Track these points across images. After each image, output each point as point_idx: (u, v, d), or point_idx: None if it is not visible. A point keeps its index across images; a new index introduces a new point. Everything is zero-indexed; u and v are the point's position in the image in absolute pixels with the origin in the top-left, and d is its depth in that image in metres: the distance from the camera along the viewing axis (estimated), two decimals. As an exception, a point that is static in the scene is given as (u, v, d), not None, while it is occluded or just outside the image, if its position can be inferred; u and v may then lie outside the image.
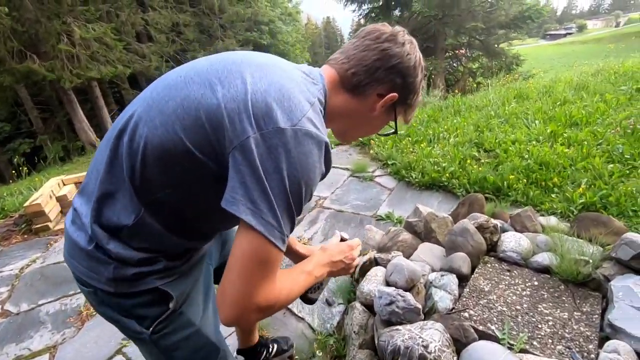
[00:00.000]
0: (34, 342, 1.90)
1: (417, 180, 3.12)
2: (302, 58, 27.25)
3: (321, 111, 0.69)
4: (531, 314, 1.56)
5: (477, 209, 2.33)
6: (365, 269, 1.89)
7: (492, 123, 4.01)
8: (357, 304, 1.67)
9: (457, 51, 13.32)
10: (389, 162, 3.50)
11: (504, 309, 1.59)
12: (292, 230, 0.63)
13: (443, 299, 1.62)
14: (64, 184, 3.36)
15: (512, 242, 1.94)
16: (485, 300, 1.65)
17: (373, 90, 0.74)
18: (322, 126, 0.65)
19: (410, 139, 3.95)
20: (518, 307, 1.60)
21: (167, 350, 0.78)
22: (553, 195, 2.61)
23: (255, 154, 0.56)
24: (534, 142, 3.41)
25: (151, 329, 0.75)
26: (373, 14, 13.01)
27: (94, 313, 2.01)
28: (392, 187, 3.19)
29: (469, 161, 3.11)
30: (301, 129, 0.59)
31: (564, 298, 1.63)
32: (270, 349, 1.56)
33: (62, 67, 11.45)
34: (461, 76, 12.64)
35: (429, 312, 1.60)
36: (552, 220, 2.14)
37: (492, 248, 2.00)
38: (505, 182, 2.80)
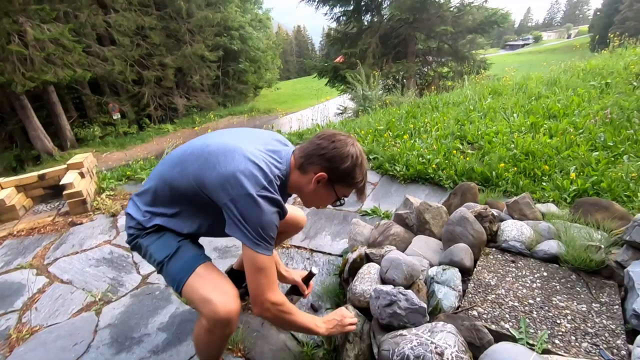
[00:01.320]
0: (-54, 376, 1.52)
1: (401, 173, 2.93)
2: (273, 65, 26.96)
3: (278, 179, 1.10)
4: (546, 308, 1.37)
5: (470, 199, 2.16)
6: (355, 266, 1.65)
7: (472, 116, 3.92)
8: (350, 307, 1.42)
9: (426, 57, 13.54)
10: (371, 157, 3.31)
11: (516, 304, 1.40)
12: (270, 245, 1.06)
13: (447, 296, 1.41)
14: (2, 188, 2.92)
15: (514, 230, 1.76)
16: (494, 296, 1.45)
17: (311, 169, 1.13)
18: (275, 190, 1.07)
19: (390, 132, 3.78)
20: (531, 301, 1.40)
21: (148, 245, 1.19)
22: (544, 184, 2.50)
23: (236, 208, 1.00)
24: (516, 134, 3.33)
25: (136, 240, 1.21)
26: (345, 17, 13.01)
27: (27, 336, 1.64)
28: (376, 181, 2.99)
29: (454, 152, 2.96)
30: (262, 194, 1.01)
31: (577, 288, 1.46)
32: None
33: (13, 70, 10.61)
34: (432, 80, 12.83)
35: (433, 312, 1.38)
36: (552, 207, 2.00)
37: (492, 238, 1.82)
38: (493, 172, 2.67)
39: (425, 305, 1.26)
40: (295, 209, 1.61)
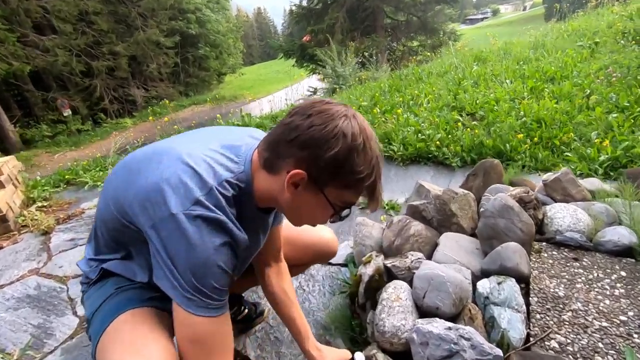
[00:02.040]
0: None
1: (399, 153, 2.50)
2: (236, 49, 25.74)
3: (230, 186, 0.68)
4: (647, 326, 0.99)
5: (495, 179, 1.76)
6: (373, 286, 1.20)
7: (465, 85, 3.54)
8: (379, 355, 0.98)
9: (395, 30, 13.12)
10: (360, 137, 2.86)
11: (604, 323, 1.01)
12: (216, 300, 0.66)
13: (513, 324, 1.00)
14: None
15: (567, 217, 1.38)
16: (570, 313, 1.06)
17: (281, 167, 0.69)
18: (219, 205, 0.65)
19: (378, 108, 3.33)
20: (622, 318, 1.02)
21: (86, 300, 0.85)
22: (568, 154, 2.15)
23: (158, 238, 0.63)
24: (518, 100, 2.98)
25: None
26: (307, -8, 12.27)
27: None
28: (369, 165, 2.56)
29: (459, 124, 2.56)
30: (192, 213, 0.62)
31: (674, 291, 1.09)
32: (242, 309, 1.32)
33: None
34: (402, 55, 12.46)
35: (498, 351, 0.96)
36: (597, 183, 1.63)
37: (538, 229, 1.43)
38: (507, 145, 2.29)
39: (500, 353, 0.83)
40: (317, 227, 1.15)
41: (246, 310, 1.34)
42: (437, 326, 0.88)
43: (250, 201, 0.74)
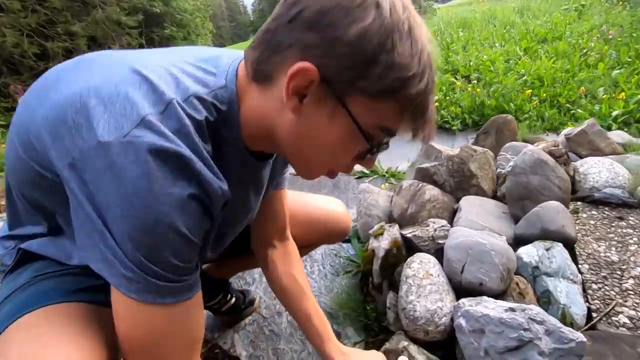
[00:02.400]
0: None
1: (394, 118, 2.28)
2: (205, 29, 24.57)
3: (203, 106, 0.41)
4: None
5: (508, 137, 1.58)
6: (390, 262, 0.98)
7: (455, 48, 3.33)
8: (411, 348, 0.76)
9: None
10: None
11: (675, 290, 0.83)
12: (175, 280, 0.40)
13: (573, 298, 0.81)
14: None
15: (603, 172, 1.20)
16: (632, 281, 0.88)
17: (278, 67, 0.41)
18: (185, 134, 0.38)
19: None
20: (695, 283, 0.85)
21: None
22: (578, 111, 1.98)
23: (80, 183, 0.37)
24: (514, 60, 2.80)
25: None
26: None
27: None
28: (361, 133, 2.32)
29: (457, 85, 2.36)
30: (138, 139, 0.35)
31: None
32: (228, 298, 1.06)
33: None
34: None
35: (559, 332, 0.76)
36: (624, 135, 1.46)
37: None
38: (511, 104, 2.10)
39: (583, 338, 0.63)
40: (324, 199, 0.91)
41: (233, 300, 1.08)
42: (493, 307, 0.67)
43: (235, 135, 0.46)
